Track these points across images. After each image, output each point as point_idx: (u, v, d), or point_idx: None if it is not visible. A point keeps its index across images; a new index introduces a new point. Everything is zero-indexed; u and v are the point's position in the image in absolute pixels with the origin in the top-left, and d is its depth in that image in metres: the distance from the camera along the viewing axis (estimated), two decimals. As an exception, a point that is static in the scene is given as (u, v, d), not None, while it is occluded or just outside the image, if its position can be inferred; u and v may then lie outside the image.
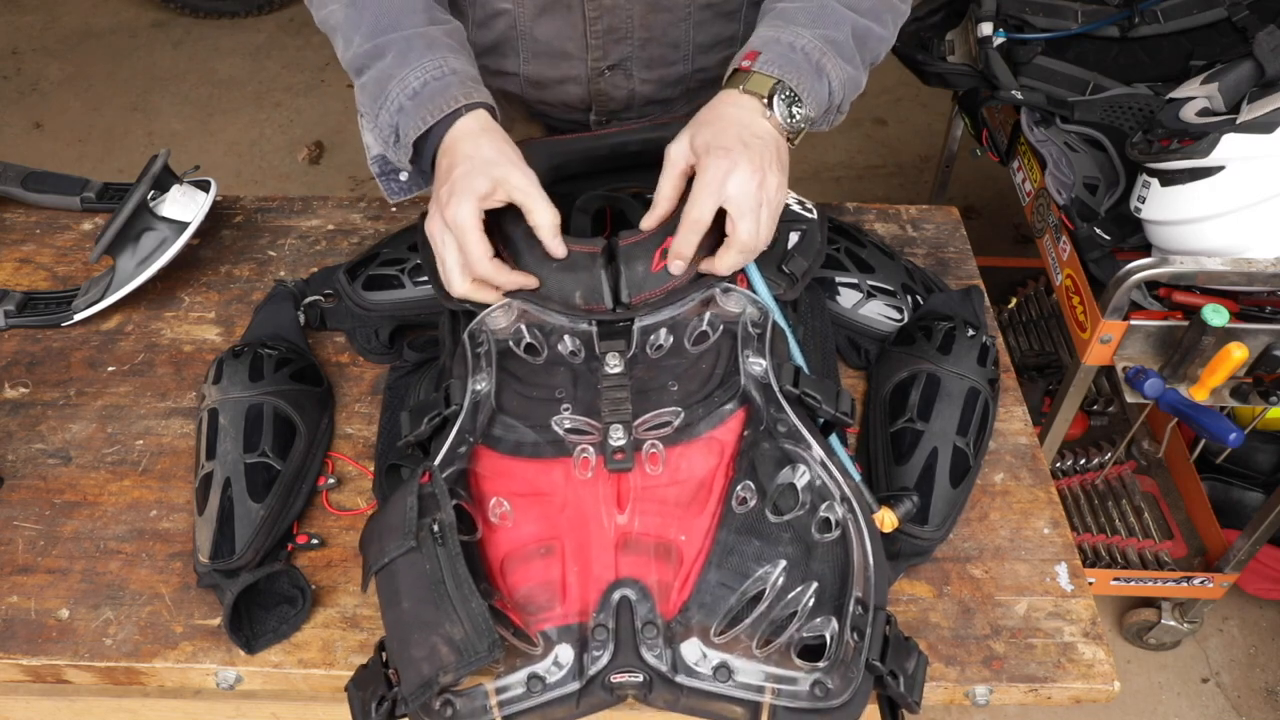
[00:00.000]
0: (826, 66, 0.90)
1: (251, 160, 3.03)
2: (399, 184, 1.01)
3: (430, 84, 0.89)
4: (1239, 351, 1.24)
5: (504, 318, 0.90)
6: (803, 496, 0.81)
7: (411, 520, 0.76)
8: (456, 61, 0.92)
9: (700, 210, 0.84)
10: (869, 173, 2.97)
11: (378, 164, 0.98)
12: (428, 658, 0.72)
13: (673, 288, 0.88)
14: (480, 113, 0.90)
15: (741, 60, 0.90)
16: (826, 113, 0.94)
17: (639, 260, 0.88)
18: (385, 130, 0.92)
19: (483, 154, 0.87)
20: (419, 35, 0.92)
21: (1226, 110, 1.28)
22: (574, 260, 0.88)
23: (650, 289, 0.88)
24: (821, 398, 0.85)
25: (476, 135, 0.88)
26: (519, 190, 0.86)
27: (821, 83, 0.90)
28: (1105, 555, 1.82)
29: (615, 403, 0.86)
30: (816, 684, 0.73)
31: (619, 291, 0.88)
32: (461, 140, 0.88)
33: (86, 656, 0.87)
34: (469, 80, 0.91)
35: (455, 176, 0.86)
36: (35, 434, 1.04)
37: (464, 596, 0.72)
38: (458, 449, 0.84)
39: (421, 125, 0.89)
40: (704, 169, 0.84)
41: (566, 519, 0.82)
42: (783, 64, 0.88)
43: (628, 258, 0.88)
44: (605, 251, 0.88)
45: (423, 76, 0.89)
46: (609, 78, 1.10)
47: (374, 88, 0.92)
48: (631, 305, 0.88)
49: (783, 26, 0.91)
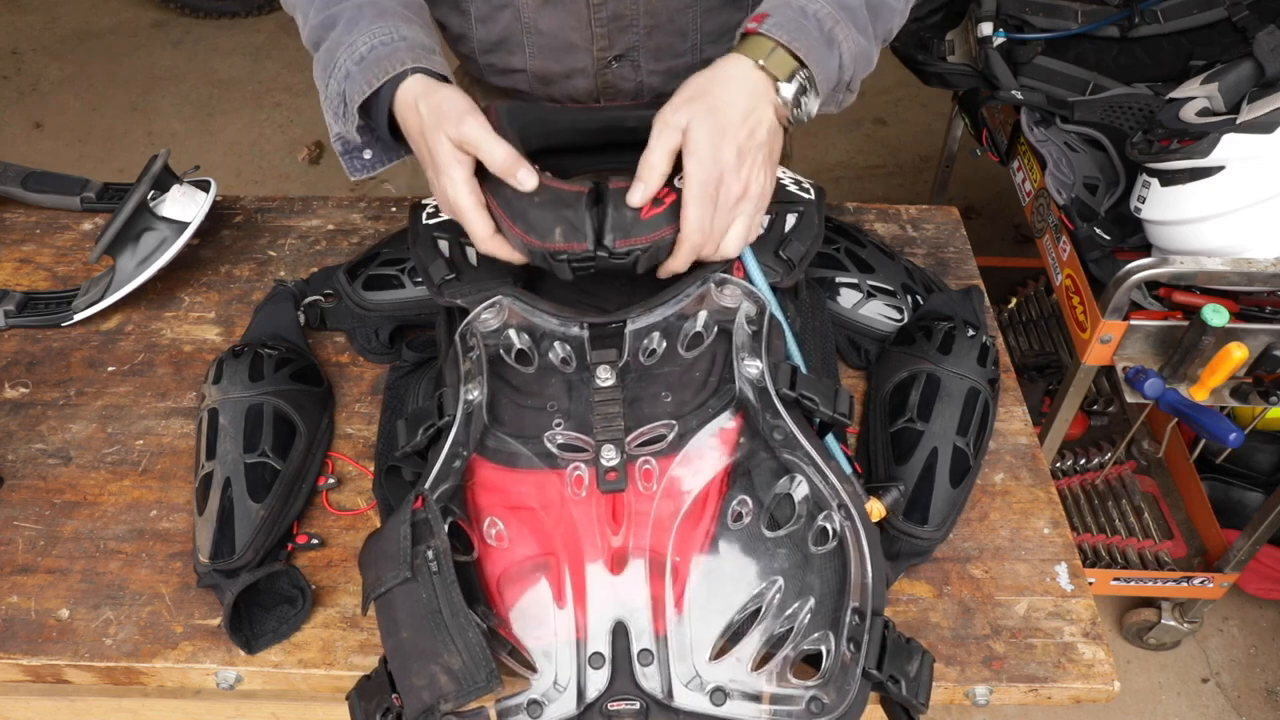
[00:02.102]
0: (838, 36, 0.85)
1: (251, 160, 3.03)
2: (362, 161, 0.97)
3: (377, 49, 0.86)
4: (1239, 351, 1.24)
5: (494, 318, 0.89)
6: (799, 508, 0.80)
7: (405, 549, 0.75)
8: (408, 29, 0.88)
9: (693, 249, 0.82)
10: (869, 173, 2.97)
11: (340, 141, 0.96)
12: (428, 686, 0.72)
13: (659, 238, 0.82)
14: (420, 76, 0.85)
15: (749, 21, 0.85)
16: (835, 90, 0.89)
17: (628, 204, 0.82)
18: (334, 99, 0.89)
19: (430, 121, 0.82)
20: (370, 4, 0.89)
21: (1226, 110, 1.28)
22: (557, 196, 0.82)
23: (637, 235, 0.81)
24: (819, 398, 0.84)
25: (416, 103, 0.84)
26: (468, 142, 0.81)
27: (832, 54, 0.85)
28: (1105, 555, 1.82)
29: (607, 418, 0.84)
30: (813, 700, 0.73)
31: (603, 235, 0.82)
32: (409, 114, 0.85)
33: (86, 656, 0.87)
34: (419, 47, 0.87)
35: (426, 158, 0.84)
36: (35, 434, 1.04)
37: (460, 626, 0.72)
38: (452, 463, 0.83)
39: (365, 89, 0.85)
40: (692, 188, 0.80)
41: (561, 537, 0.81)
42: (792, 29, 0.83)
43: (617, 201, 0.81)
44: (592, 193, 0.82)
45: (370, 42, 0.86)
46: (616, 69, 1.10)
47: (325, 58, 0.89)
48: (615, 250, 0.81)
49: None
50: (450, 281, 0.94)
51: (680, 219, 0.81)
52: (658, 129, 0.81)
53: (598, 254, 0.82)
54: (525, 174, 0.80)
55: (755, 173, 0.83)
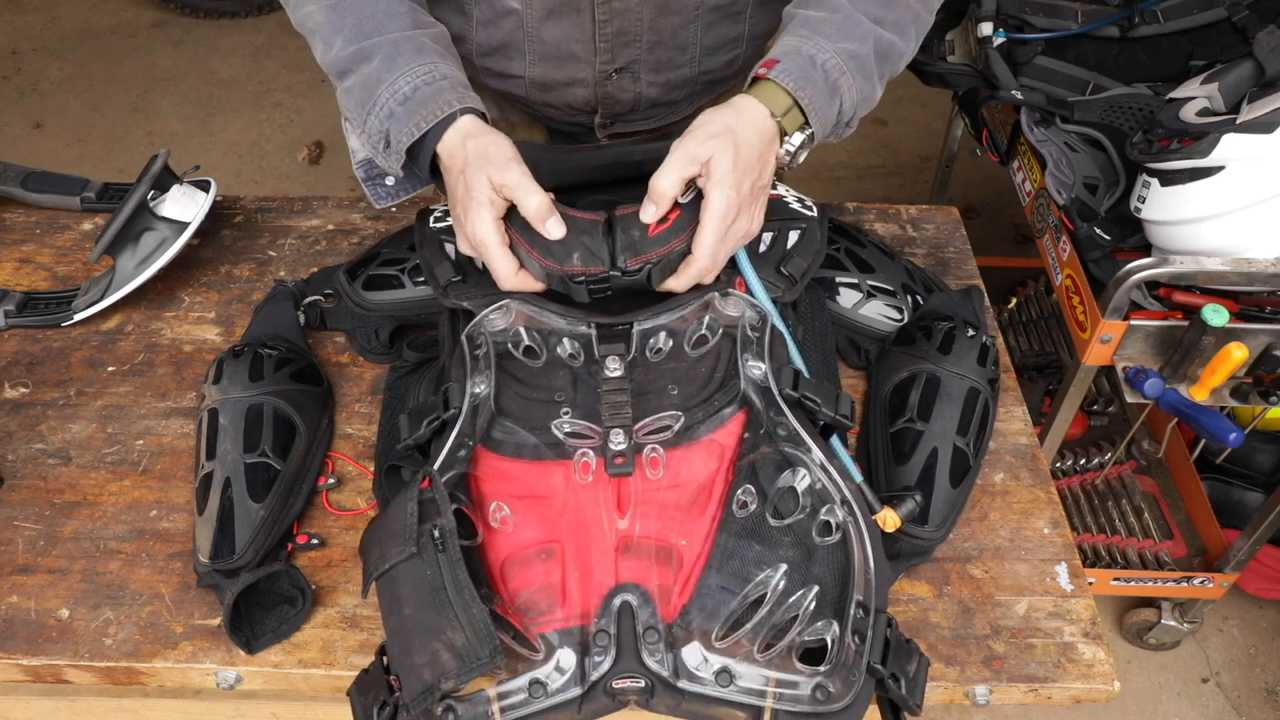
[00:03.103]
0: (842, 87, 0.90)
1: (251, 160, 3.03)
2: (385, 189, 1.01)
3: (421, 89, 0.89)
4: (1239, 351, 1.24)
5: (502, 320, 0.90)
6: (803, 500, 0.81)
7: (412, 526, 0.76)
8: (446, 67, 0.91)
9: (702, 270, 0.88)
10: (869, 173, 2.97)
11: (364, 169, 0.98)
12: (429, 664, 0.72)
13: (670, 250, 0.86)
14: (470, 117, 0.90)
15: (759, 67, 0.90)
16: (835, 128, 0.93)
17: (635, 226, 0.87)
18: (375, 136, 0.91)
19: (474, 161, 0.87)
20: (406, 39, 0.91)
21: (1226, 110, 1.28)
22: (574, 224, 0.87)
23: (646, 251, 0.86)
24: (821, 401, 0.85)
25: (464, 143, 0.88)
26: (508, 187, 0.86)
27: (833, 103, 0.90)
28: (1105, 555, 1.82)
29: (615, 406, 0.86)
30: (818, 688, 0.73)
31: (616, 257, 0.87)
32: (454, 152, 0.89)
33: (86, 656, 0.87)
34: (460, 86, 0.91)
35: (460, 195, 0.88)
36: (35, 434, 1.04)
37: (465, 602, 0.72)
38: (457, 452, 0.84)
39: (415, 132, 0.88)
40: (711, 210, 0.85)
41: (567, 523, 0.82)
42: (798, 77, 0.88)
43: (624, 225, 0.87)
44: (607, 222, 0.88)
45: (413, 81, 0.89)
46: (616, 81, 1.10)
47: (361, 93, 0.91)
48: (628, 268, 0.86)
49: (807, 37, 0.90)
50: (456, 284, 0.95)
51: (694, 243, 0.86)
52: (677, 157, 0.85)
53: (612, 274, 0.86)
54: (554, 224, 0.86)
55: (758, 211, 0.90)
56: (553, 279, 0.88)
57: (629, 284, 0.88)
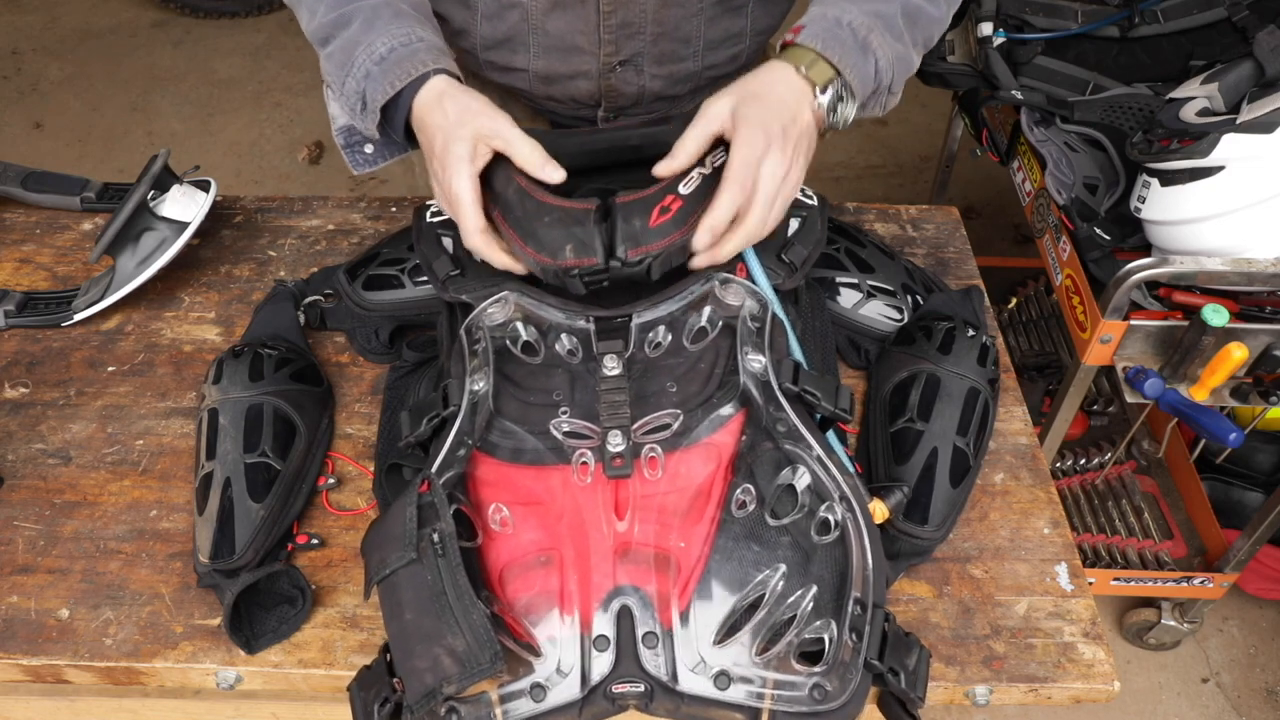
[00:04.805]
0: (873, 43, 0.88)
1: (251, 160, 3.02)
2: (364, 155, 1.01)
3: (397, 49, 0.90)
4: (1239, 351, 1.24)
5: (500, 312, 0.90)
6: (802, 499, 0.81)
7: (411, 531, 0.76)
8: (423, 30, 0.92)
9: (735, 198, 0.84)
10: (869, 173, 2.97)
11: (343, 135, 0.99)
12: (431, 668, 0.72)
13: (671, 243, 0.84)
14: (444, 77, 0.90)
15: (787, 34, 0.90)
16: (875, 94, 0.92)
17: (637, 216, 0.84)
18: (352, 97, 0.92)
19: (451, 117, 0.87)
20: (385, 5, 0.93)
21: (1226, 110, 1.28)
22: (565, 214, 0.84)
23: (648, 243, 0.84)
24: (821, 394, 0.85)
25: (441, 100, 0.88)
26: (497, 137, 0.85)
27: (867, 60, 0.88)
28: (1105, 555, 1.82)
29: (613, 406, 0.85)
30: (815, 687, 0.73)
31: (613, 248, 0.84)
32: (430, 110, 0.88)
33: (86, 656, 0.87)
34: (435, 49, 0.92)
35: (438, 150, 0.87)
36: (35, 434, 1.04)
37: (465, 608, 0.73)
38: (456, 452, 0.84)
39: (390, 90, 0.89)
40: (740, 144, 0.83)
41: (566, 526, 0.82)
42: (826, 38, 0.87)
43: (625, 213, 0.84)
44: (600, 209, 0.85)
45: (390, 43, 0.90)
46: (620, 73, 1.10)
47: (340, 55, 0.92)
48: (628, 259, 0.84)
49: (830, 2, 0.90)
50: (454, 277, 0.95)
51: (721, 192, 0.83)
52: (699, 116, 0.85)
53: (610, 265, 0.84)
54: (553, 169, 0.85)
55: (798, 156, 0.86)
56: (546, 274, 0.86)
57: (628, 276, 0.86)
